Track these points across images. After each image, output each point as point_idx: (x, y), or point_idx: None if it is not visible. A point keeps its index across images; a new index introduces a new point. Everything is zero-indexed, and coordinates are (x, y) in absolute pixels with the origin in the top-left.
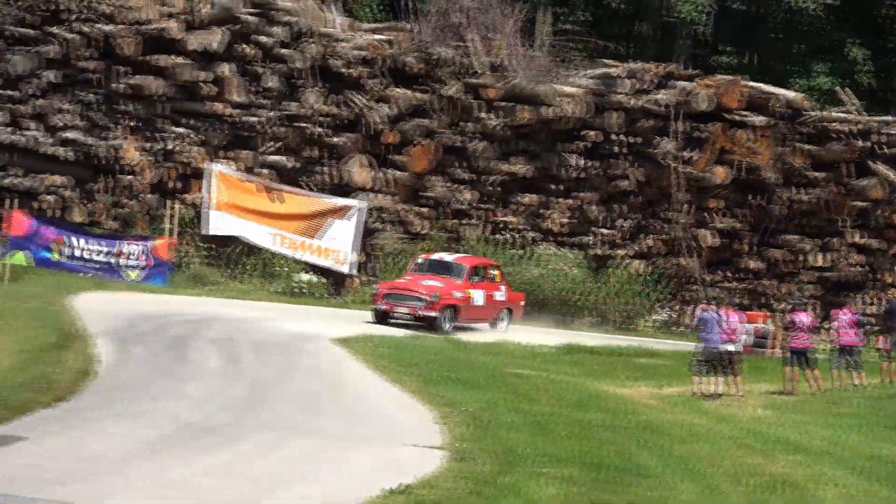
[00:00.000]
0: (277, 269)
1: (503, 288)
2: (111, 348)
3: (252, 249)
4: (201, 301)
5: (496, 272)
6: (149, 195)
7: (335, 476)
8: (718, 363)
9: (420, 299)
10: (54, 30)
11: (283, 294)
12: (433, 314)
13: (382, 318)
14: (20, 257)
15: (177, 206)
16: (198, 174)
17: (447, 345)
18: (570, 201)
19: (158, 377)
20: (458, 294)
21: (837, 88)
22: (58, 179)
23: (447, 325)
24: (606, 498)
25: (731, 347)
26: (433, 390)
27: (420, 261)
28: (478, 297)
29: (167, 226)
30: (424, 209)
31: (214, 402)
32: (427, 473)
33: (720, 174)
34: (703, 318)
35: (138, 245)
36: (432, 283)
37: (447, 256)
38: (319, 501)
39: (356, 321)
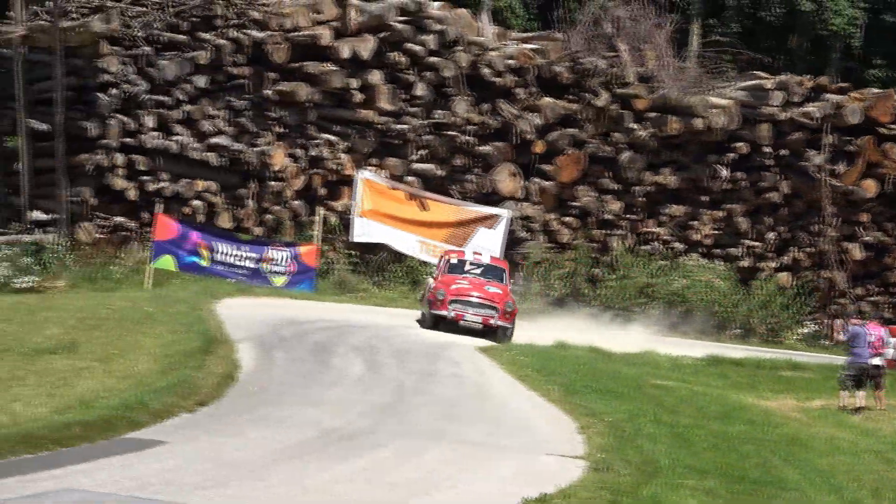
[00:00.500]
0: (423, 276)
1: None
2: (254, 353)
3: (398, 257)
4: (345, 308)
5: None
6: (296, 201)
7: (474, 484)
8: (865, 377)
9: (493, 307)
10: (205, 36)
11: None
12: (507, 325)
13: (435, 324)
14: (167, 262)
15: (323, 212)
16: (345, 181)
17: (590, 355)
18: (718, 213)
19: (299, 383)
20: (511, 301)
21: None
22: (206, 185)
23: (509, 337)
24: None
25: (877, 361)
26: (575, 400)
27: (454, 261)
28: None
29: (314, 232)
30: (571, 219)
31: (355, 409)
32: (567, 483)
33: (870, 187)
34: (854, 332)
35: (284, 251)
36: (492, 289)
37: (482, 258)
38: None
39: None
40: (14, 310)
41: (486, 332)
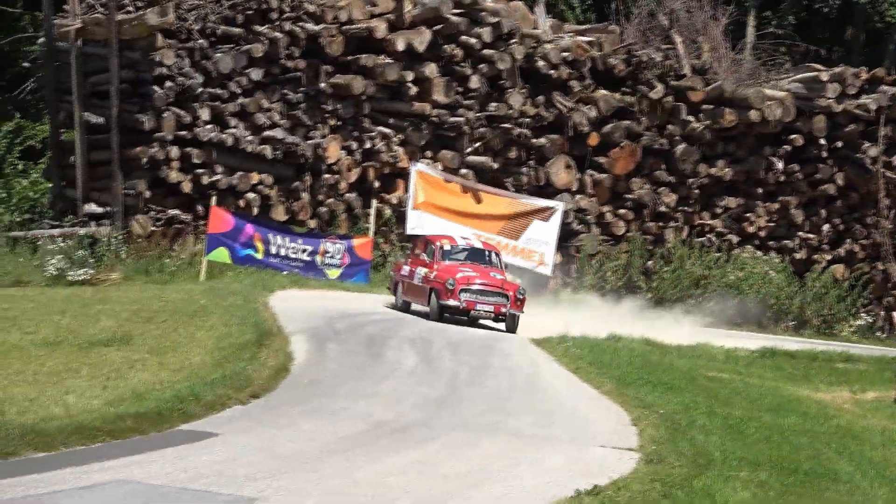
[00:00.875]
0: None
1: None
2: (307, 346)
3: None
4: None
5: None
6: (350, 194)
7: (527, 476)
8: None
9: (503, 295)
10: (260, 28)
11: None
12: (518, 313)
13: (440, 314)
14: (222, 254)
15: (377, 205)
16: (399, 174)
17: (644, 347)
18: (773, 205)
19: (353, 375)
20: (521, 287)
21: None
22: (260, 177)
23: (516, 325)
24: (798, 502)
25: None
26: (628, 392)
27: (447, 247)
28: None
29: (368, 225)
30: (625, 211)
31: (408, 401)
32: (619, 475)
33: None
34: None
35: (338, 244)
36: (498, 275)
37: (475, 242)
38: (511, 501)
39: (550, 321)
40: (68, 302)
41: (496, 320)
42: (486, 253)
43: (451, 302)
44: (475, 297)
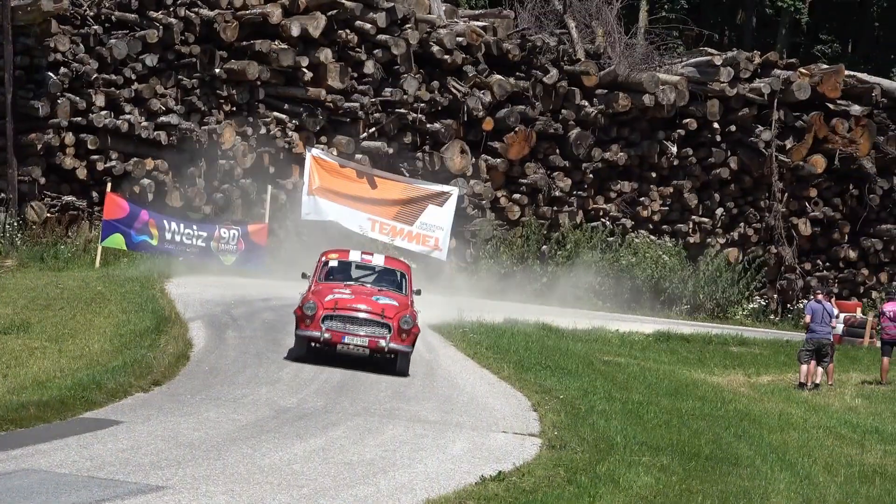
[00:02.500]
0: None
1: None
2: (206, 332)
3: (348, 234)
4: (295, 286)
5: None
6: (245, 180)
7: (431, 462)
8: (822, 353)
9: (382, 324)
10: (155, 14)
11: None
12: (404, 348)
13: (309, 349)
14: (117, 240)
15: (272, 190)
16: (295, 159)
17: (541, 332)
18: (667, 189)
19: (252, 362)
20: (411, 315)
21: None
22: (155, 163)
23: (408, 367)
24: (701, 487)
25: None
26: (527, 377)
27: (333, 263)
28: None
29: (264, 210)
30: (520, 196)
31: (309, 388)
32: (523, 461)
33: (818, 163)
34: (812, 308)
35: (234, 230)
36: (385, 299)
37: (373, 257)
38: (416, 488)
39: (447, 307)
40: None
41: (377, 359)
42: (390, 272)
43: (310, 332)
44: (343, 327)
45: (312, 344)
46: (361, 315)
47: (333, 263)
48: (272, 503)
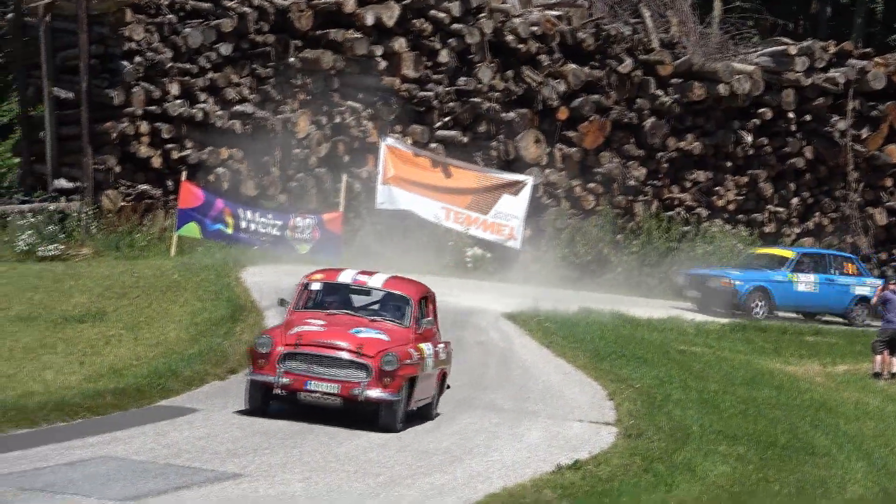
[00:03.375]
0: (451, 243)
1: (438, 335)
2: (281, 320)
3: (422, 223)
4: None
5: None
6: (320, 169)
7: (507, 451)
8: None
9: (360, 365)
10: (229, 3)
11: (454, 268)
12: (388, 396)
13: (265, 400)
14: (192, 229)
15: (347, 179)
16: (369, 148)
17: (615, 321)
18: (742, 178)
19: None
20: (414, 354)
21: None
22: (230, 152)
23: (400, 418)
24: (778, 476)
25: None
26: (602, 366)
27: (315, 286)
28: (430, 358)
29: (338, 199)
30: (594, 185)
31: None
32: (599, 449)
33: (893, 153)
34: (885, 297)
35: (308, 218)
36: (369, 332)
37: (370, 278)
38: (492, 476)
39: (521, 296)
40: (40, 278)
41: (353, 409)
42: (392, 297)
43: (263, 376)
44: (306, 369)
45: (269, 390)
46: (330, 353)
47: (316, 286)
48: (348, 491)
